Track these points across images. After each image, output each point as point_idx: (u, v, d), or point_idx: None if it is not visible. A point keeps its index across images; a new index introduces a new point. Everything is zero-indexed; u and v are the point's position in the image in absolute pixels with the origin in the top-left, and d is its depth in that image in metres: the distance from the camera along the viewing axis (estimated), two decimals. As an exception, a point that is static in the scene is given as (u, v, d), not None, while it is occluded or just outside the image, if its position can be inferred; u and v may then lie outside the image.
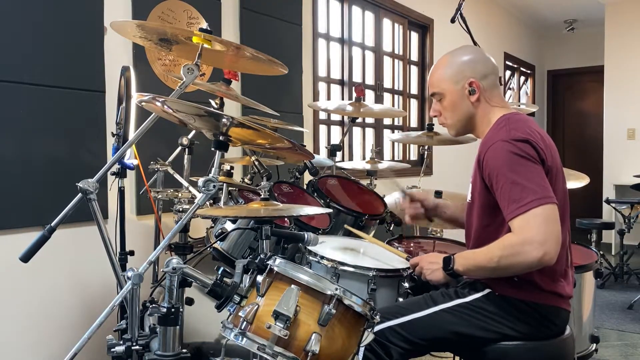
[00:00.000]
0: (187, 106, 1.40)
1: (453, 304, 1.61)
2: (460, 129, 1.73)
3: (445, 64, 1.71)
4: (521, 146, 1.49)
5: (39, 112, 2.19)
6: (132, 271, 1.28)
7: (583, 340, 2.20)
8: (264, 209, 1.51)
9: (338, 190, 2.49)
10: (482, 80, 1.66)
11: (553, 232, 1.43)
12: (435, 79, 1.72)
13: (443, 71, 1.70)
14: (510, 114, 1.64)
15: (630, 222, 4.77)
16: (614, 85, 6.34)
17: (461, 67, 1.67)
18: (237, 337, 1.24)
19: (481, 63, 1.69)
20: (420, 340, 1.58)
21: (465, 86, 1.66)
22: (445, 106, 1.71)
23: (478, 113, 1.68)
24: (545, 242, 1.41)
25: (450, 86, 1.68)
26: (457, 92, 1.67)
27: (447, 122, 1.74)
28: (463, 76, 1.66)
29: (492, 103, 1.68)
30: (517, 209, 1.44)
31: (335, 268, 1.71)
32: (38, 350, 2.23)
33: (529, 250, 1.41)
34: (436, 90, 1.72)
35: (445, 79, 1.68)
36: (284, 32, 3.39)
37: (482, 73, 1.67)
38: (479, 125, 1.70)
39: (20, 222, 2.14)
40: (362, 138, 4.44)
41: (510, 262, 1.46)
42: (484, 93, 1.67)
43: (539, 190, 1.45)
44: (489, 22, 6.08)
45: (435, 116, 1.76)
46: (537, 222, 1.42)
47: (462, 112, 1.69)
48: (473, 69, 1.67)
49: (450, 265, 1.58)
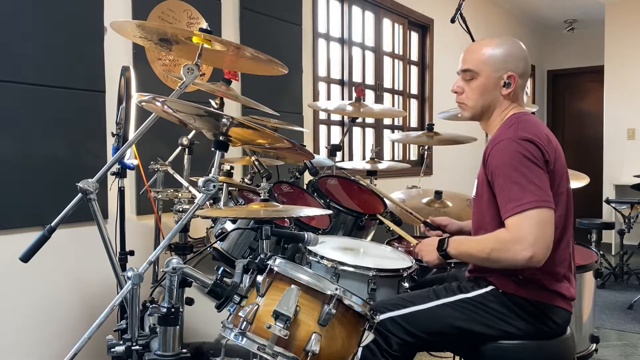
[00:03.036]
0: (187, 106, 1.40)
1: (456, 299, 1.61)
2: (477, 114, 1.71)
3: (491, 46, 1.67)
4: (527, 146, 1.50)
5: (39, 112, 2.19)
6: (132, 271, 1.28)
7: (583, 340, 2.20)
8: (263, 211, 1.51)
9: (338, 190, 2.48)
10: (519, 78, 1.66)
11: (545, 236, 1.44)
12: (475, 57, 1.67)
13: (487, 53, 1.66)
14: (521, 113, 1.65)
15: (630, 222, 4.77)
16: (614, 85, 6.34)
17: (506, 58, 1.65)
18: (237, 337, 1.24)
19: (524, 61, 1.68)
20: (421, 333, 1.59)
21: (504, 77, 1.64)
22: (474, 87, 1.68)
23: (500, 106, 1.68)
24: (535, 244, 1.42)
25: (489, 70, 1.65)
26: (493, 79, 1.65)
27: (467, 103, 1.71)
28: (505, 66, 1.64)
29: (514, 102, 1.68)
30: (513, 208, 1.45)
31: (335, 268, 1.71)
32: (38, 350, 2.23)
33: (519, 249, 1.43)
34: (471, 68, 1.67)
35: (485, 61, 1.65)
36: (284, 32, 3.39)
37: (522, 70, 1.67)
38: (493, 118, 1.70)
39: (20, 222, 2.14)
40: (362, 138, 4.44)
41: (499, 257, 1.48)
42: (515, 90, 1.66)
43: (538, 192, 1.45)
44: (489, 22, 6.08)
45: (455, 92, 1.73)
46: (531, 224, 1.43)
47: (487, 100, 1.67)
48: (516, 63, 1.66)
49: (444, 246, 1.62)
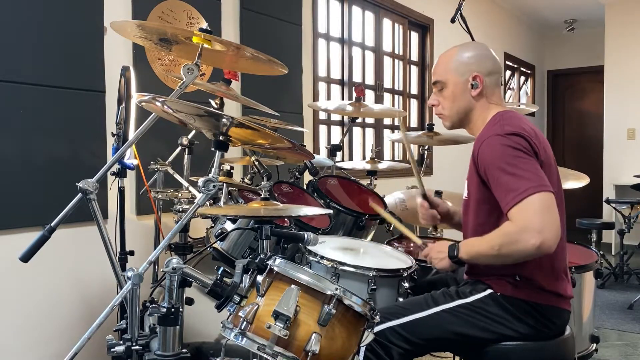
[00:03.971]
0: (187, 106, 1.40)
1: (454, 305, 1.60)
2: (456, 121, 1.74)
3: (453, 55, 1.70)
4: (514, 139, 1.50)
5: (39, 112, 2.19)
6: (132, 271, 1.28)
7: (583, 340, 2.20)
8: (264, 209, 1.51)
9: (338, 190, 2.48)
10: (486, 77, 1.67)
11: (551, 219, 1.41)
12: (440, 69, 1.72)
13: (449, 61, 1.69)
14: (505, 111, 1.66)
15: (630, 222, 4.77)
16: (614, 85, 6.34)
17: (468, 60, 1.67)
18: (237, 337, 1.24)
19: (489, 60, 1.69)
20: (421, 341, 1.58)
21: (469, 79, 1.66)
22: (445, 96, 1.71)
23: (476, 108, 1.69)
24: (542, 229, 1.39)
25: (454, 77, 1.68)
26: (460, 83, 1.67)
27: (444, 113, 1.74)
28: (468, 69, 1.66)
29: (491, 101, 1.68)
30: (513, 198, 1.44)
31: (335, 268, 1.71)
32: (38, 350, 2.23)
33: (527, 238, 1.40)
34: (439, 79, 1.71)
35: (451, 69, 1.68)
36: (284, 32, 3.39)
37: (487, 69, 1.68)
38: (474, 121, 1.70)
39: (20, 222, 2.14)
40: (362, 138, 4.44)
41: (510, 250, 1.45)
42: (485, 89, 1.67)
43: (535, 178, 1.45)
44: (489, 22, 6.08)
45: (433, 105, 1.76)
46: (534, 210, 1.41)
47: (460, 105, 1.69)
48: (480, 63, 1.67)
49: (455, 252, 1.59)
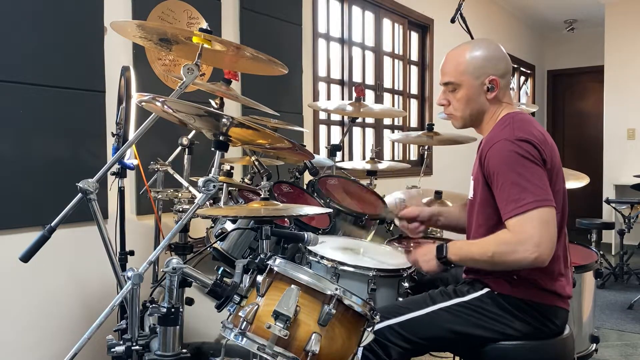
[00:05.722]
0: (187, 106, 1.40)
1: (452, 303, 1.61)
2: (468, 122, 1.71)
3: (464, 54, 1.65)
4: (524, 146, 1.49)
5: (39, 112, 2.19)
6: (132, 271, 1.28)
7: (583, 340, 2.20)
8: (264, 209, 1.52)
9: (338, 190, 2.48)
10: (501, 79, 1.65)
11: (548, 235, 1.44)
12: (452, 69, 1.66)
13: (462, 62, 1.64)
14: (515, 112, 1.64)
15: (630, 222, 4.76)
16: (614, 85, 6.34)
17: (484, 62, 1.63)
18: (237, 337, 1.24)
19: (502, 61, 1.66)
20: (420, 340, 1.58)
21: (485, 82, 1.63)
22: (458, 98, 1.67)
23: (489, 110, 1.67)
24: (540, 244, 1.42)
25: (469, 79, 1.64)
26: (476, 87, 1.64)
27: (456, 114, 1.70)
28: (484, 72, 1.63)
29: (503, 101, 1.67)
30: (514, 209, 1.45)
31: (335, 268, 1.71)
32: (38, 350, 2.23)
33: (523, 251, 1.42)
34: (452, 80, 1.66)
35: (465, 71, 1.64)
36: (284, 32, 3.39)
37: (502, 71, 1.65)
38: (486, 121, 1.69)
39: (20, 222, 2.14)
40: (362, 138, 4.44)
41: (504, 260, 1.47)
42: (500, 91, 1.65)
43: (538, 192, 1.45)
44: (489, 22, 6.08)
45: (442, 105, 1.72)
46: (534, 224, 1.43)
47: (475, 107, 1.66)
48: (495, 66, 1.64)
49: (443, 253, 1.59)
